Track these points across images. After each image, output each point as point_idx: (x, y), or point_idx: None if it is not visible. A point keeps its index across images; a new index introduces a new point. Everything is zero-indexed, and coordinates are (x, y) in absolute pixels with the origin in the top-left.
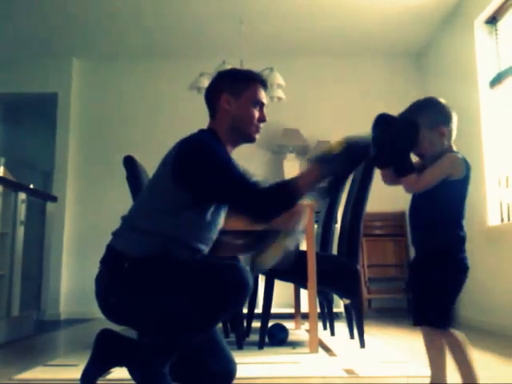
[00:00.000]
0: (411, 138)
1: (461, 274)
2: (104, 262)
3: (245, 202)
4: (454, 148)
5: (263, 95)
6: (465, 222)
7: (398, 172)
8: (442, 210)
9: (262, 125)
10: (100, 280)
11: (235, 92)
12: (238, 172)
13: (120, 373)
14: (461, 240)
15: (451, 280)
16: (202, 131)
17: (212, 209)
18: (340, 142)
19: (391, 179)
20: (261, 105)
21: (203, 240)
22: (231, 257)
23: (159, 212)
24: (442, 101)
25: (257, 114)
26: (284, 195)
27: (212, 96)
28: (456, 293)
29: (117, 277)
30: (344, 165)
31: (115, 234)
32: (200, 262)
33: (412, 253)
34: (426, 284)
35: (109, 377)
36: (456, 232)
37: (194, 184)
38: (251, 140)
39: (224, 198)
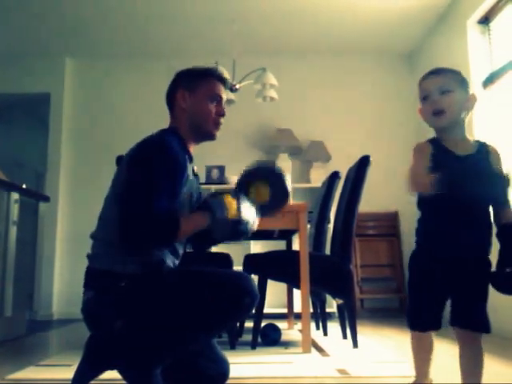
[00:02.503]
0: None
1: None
2: (93, 286)
3: (132, 221)
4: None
5: (221, 90)
6: None
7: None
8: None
9: (222, 120)
10: (95, 306)
11: (191, 88)
12: (161, 192)
13: (110, 373)
14: None
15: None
16: (163, 131)
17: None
18: (264, 189)
19: None
20: (218, 99)
21: (180, 243)
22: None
23: None
24: None
25: (213, 108)
26: (164, 231)
27: (169, 94)
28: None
29: (117, 298)
30: (230, 234)
31: (95, 255)
32: (204, 270)
33: (405, 253)
34: (478, 287)
35: (101, 377)
36: None
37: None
38: (211, 137)
39: (125, 206)
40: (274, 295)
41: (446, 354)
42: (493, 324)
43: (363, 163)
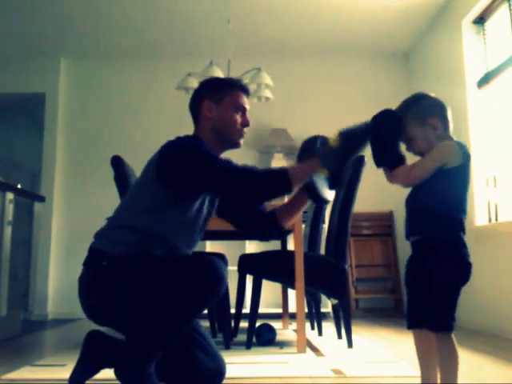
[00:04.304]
0: (391, 128)
1: (464, 270)
2: (85, 262)
3: (237, 185)
4: (454, 139)
5: (245, 100)
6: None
7: (388, 165)
8: (440, 201)
9: (245, 129)
10: (81, 280)
11: (216, 98)
12: (223, 160)
13: (106, 373)
14: (460, 234)
15: (456, 278)
16: (187, 135)
17: (195, 207)
18: (336, 135)
19: (390, 177)
20: (243, 110)
21: (184, 240)
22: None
23: (141, 210)
24: (430, 94)
25: (239, 118)
26: (281, 180)
27: (194, 104)
28: (459, 292)
29: (96, 275)
30: (341, 157)
31: (96, 235)
32: (176, 257)
33: (400, 253)
34: (427, 283)
35: (95, 377)
36: (455, 225)
37: (180, 177)
38: (236, 145)
39: (215, 183)
40: (269, 295)
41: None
42: (483, 323)
43: (358, 163)
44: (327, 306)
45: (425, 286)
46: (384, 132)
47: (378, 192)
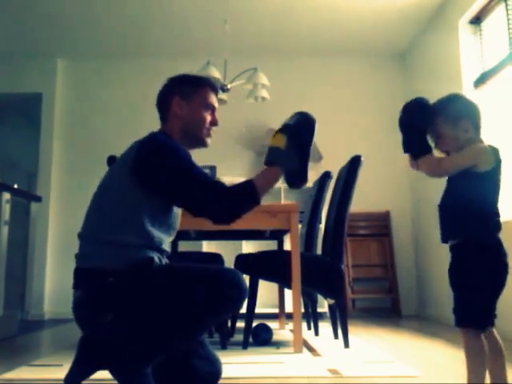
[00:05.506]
0: (422, 118)
1: (503, 270)
2: (81, 284)
3: (210, 201)
4: (484, 141)
5: (214, 99)
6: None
7: (414, 154)
8: (479, 203)
9: (214, 129)
10: (83, 305)
11: (186, 96)
12: (201, 171)
13: (103, 373)
14: (498, 235)
15: (496, 277)
16: (156, 133)
17: (173, 211)
18: (280, 135)
19: (415, 164)
20: (212, 108)
21: (167, 242)
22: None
23: (123, 221)
24: (464, 96)
25: (208, 117)
26: (249, 195)
27: (164, 100)
28: (495, 289)
29: (105, 295)
30: (297, 154)
31: (82, 255)
32: (191, 266)
33: (397, 253)
34: (464, 281)
35: (92, 377)
36: (494, 226)
37: (157, 185)
38: (203, 144)
39: (189, 197)
40: (266, 295)
41: (443, 354)
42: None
43: (354, 163)
44: (324, 306)
45: (469, 286)
46: (415, 120)
47: (375, 192)
